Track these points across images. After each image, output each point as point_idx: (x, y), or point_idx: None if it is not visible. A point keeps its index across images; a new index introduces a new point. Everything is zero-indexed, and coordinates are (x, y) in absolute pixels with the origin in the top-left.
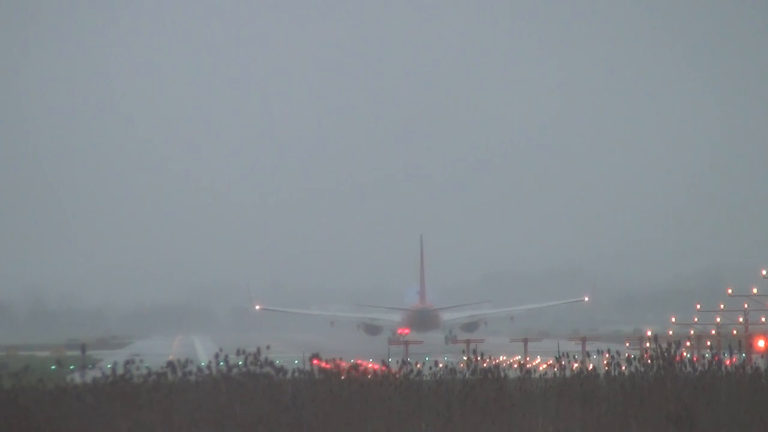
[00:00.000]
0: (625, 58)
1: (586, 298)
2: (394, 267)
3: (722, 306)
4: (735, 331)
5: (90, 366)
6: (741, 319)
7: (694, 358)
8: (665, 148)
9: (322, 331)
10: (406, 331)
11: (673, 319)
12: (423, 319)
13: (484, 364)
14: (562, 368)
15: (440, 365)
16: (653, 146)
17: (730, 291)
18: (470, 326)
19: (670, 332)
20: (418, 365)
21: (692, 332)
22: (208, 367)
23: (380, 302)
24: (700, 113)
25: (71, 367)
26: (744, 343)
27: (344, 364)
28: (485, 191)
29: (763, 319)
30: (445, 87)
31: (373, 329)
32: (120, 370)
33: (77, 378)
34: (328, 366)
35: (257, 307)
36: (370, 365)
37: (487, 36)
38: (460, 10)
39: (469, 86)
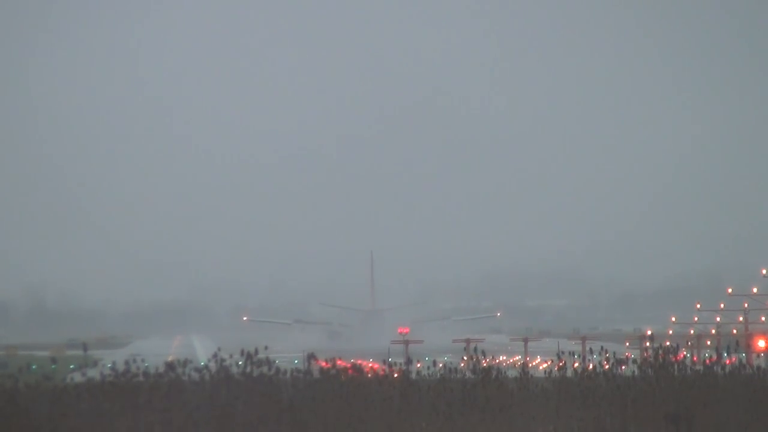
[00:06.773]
0: (625, 58)
1: (498, 314)
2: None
3: (722, 305)
4: (735, 331)
5: (90, 366)
6: (741, 319)
7: (694, 358)
8: (666, 148)
9: (322, 332)
10: (406, 330)
11: (673, 319)
12: (369, 319)
13: (484, 364)
14: (563, 368)
15: (440, 365)
16: (654, 147)
17: (730, 290)
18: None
19: (670, 332)
20: (419, 364)
21: (692, 332)
22: (207, 366)
23: (380, 303)
24: (701, 114)
25: (71, 366)
26: (744, 342)
27: (344, 364)
28: (486, 191)
29: (763, 319)
30: (443, 88)
31: (334, 335)
32: (120, 370)
33: (77, 377)
34: (327, 366)
35: (244, 319)
36: (370, 365)
37: (480, 36)
38: (451, 9)
39: (469, 87)
